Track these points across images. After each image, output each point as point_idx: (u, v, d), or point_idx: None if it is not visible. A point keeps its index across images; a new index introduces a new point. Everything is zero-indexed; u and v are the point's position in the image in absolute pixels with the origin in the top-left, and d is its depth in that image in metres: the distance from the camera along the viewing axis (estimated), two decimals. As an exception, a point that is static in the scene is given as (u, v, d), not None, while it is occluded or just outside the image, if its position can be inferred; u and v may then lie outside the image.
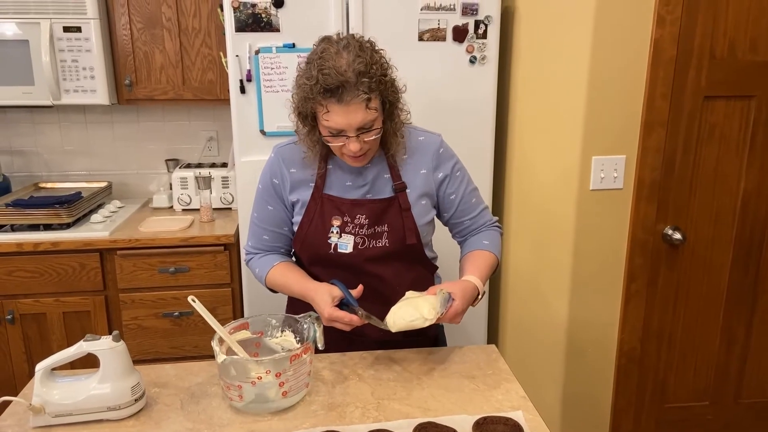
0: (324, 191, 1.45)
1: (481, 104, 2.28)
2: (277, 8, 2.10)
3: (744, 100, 2.02)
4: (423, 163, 1.48)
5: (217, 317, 2.39)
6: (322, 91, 1.26)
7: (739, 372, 2.30)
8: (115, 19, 2.45)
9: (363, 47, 1.31)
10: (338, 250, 1.44)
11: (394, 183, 1.45)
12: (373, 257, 1.45)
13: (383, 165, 1.46)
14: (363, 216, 1.44)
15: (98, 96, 2.45)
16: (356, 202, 1.44)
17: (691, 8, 1.90)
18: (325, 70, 1.25)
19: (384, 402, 1.26)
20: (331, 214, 1.44)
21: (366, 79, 1.26)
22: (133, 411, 1.21)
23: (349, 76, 1.25)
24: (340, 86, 1.25)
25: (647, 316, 2.18)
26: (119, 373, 1.20)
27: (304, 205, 1.46)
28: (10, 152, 2.82)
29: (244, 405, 1.21)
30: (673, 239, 2.08)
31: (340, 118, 1.28)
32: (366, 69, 1.26)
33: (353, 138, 1.31)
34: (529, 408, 1.24)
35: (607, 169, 2.06)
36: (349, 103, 1.26)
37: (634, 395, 2.27)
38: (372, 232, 1.44)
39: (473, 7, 2.17)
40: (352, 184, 1.46)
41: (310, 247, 1.47)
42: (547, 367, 2.32)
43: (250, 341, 1.32)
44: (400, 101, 1.40)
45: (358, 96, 1.26)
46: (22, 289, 2.31)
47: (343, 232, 1.44)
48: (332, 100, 1.26)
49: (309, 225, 1.45)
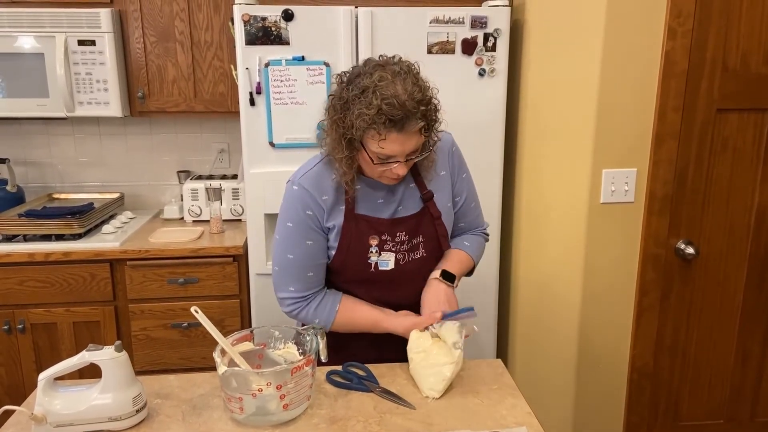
0: (356, 212, 1.43)
1: (490, 117, 2.27)
2: (287, 21, 2.12)
3: (758, 113, 1.99)
4: (441, 165, 1.50)
5: (225, 329, 2.41)
6: (386, 121, 1.24)
7: (755, 389, 2.25)
8: (128, 32, 2.48)
9: (414, 74, 1.30)
10: (379, 268, 1.45)
11: (422, 193, 1.47)
12: (414, 270, 1.48)
13: (408, 176, 1.46)
14: (403, 233, 1.45)
15: (111, 108, 2.48)
16: (395, 221, 1.44)
17: (702, 20, 1.89)
18: (387, 99, 1.23)
19: (386, 416, 1.24)
20: (368, 234, 1.43)
21: (423, 107, 1.27)
22: (134, 422, 1.21)
23: (411, 107, 1.24)
24: (404, 117, 1.24)
25: (660, 331, 2.15)
26: (121, 383, 1.19)
27: (339, 228, 1.43)
28: (24, 163, 2.86)
29: (245, 417, 1.20)
30: (685, 253, 2.05)
31: (397, 146, 1.28)
32: (423, 98, 1.27)
33: (402, 163, 1.32)
34: (533, 424, 1.21)
35: (618, 183, 2.04)
36: (408, 133, 1.27)
37: (646, 412, 2.23)
38: (410, 246, 1.47)
39: (482, 20, 2.17)
40: (383, 201, 1.45)
41: (350, 268, 1.46)
42: (557, 382, 2.28)
43: (253, 353, 1.31)
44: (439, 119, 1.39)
45: (417, 125, 1.27)
46: (33, 298, 2.33)
47: (383, 250, 1.44)
48: (393, 129, 1.25)
49: (348, 247, 1.43)
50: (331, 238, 1.45)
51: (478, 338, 2.48)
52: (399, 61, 1.32)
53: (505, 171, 2.39)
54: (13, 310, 2.33)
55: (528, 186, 2.32)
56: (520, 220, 2.38)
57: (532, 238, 2.31)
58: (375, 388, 1.33)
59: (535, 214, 2.30)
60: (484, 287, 2.42)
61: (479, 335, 2.47)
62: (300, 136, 2.21)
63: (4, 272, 2.30)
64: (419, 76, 1.31)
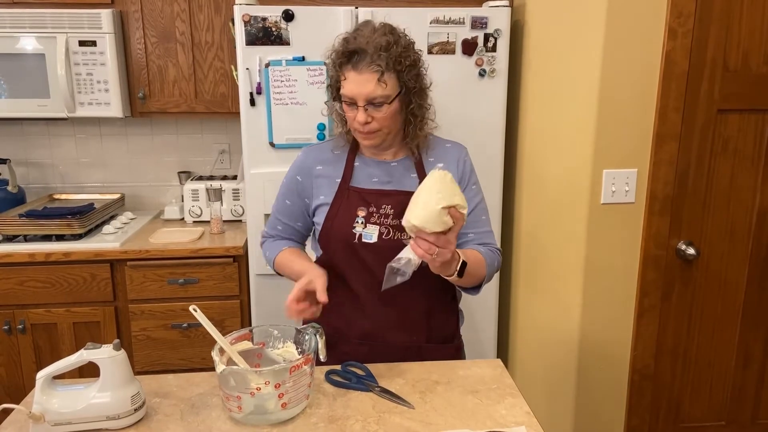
0: (351, 184, 1.48)
1: (490, 117, 2.27)
2: (288, 22, 2.12)
3: (758, 114, 1.99)
4: (448, 168, 1.49)
5: (226, 329, 2.40)
6: (340, 54, 1.34)
7: (757, 391, 2.24)
8: (129, 33, 2.48)
9: (394, 31, 1.37)
10: (363, 239, 1.44)
11: (420, 179, 1.46)
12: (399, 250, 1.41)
13: (409, 163, 1.49)
14: (389, 206, 1.45)
15: (112, 109, 2.48)
16: (382, 192, 1.46)
17: (703, 20, 1.88)
18: (349, 38, 1.34)
19: (385, 416, 1.24)
20: (357, 204, 1.45)
21: (384, 53, 1.31)
22: (132, 421, 1.20)
23: (368, 47, 1.31)
24: (356, 53, 1.32)
25: (661, 333, 2.14)
26: (119, 382, 1.19)
27: (329, 198, 1.48)
28: (26, 164, 2.86)
29: (243, 416, 1.20)
30: (686, 254, 2.04)
31: (353, 86, 1.33)
32: (387, 46, 1.32)
33: (361, 108, 1.35)
34: (533, 424, 1.21)
35: (618, 183, 2.04)
36: (362, 72, 1.32)
37: (647, 414, 2.22)
38: (397, 223, 1.44)
39: (483, 21, 2.17)
40: (378, 179, 1.48)
41: (335, 236, 1.46)
42: (558, 383, 2.27)
43: (252, 352, 1.31)
44: (425, 96, 1.43)
45: (371, 66, 1.31)
46: (34, 299, 2.33)
47: (369, 223, 1.44)
48: (348, 67, 1.33)
49: (335, 215, 1.46)
50: (319, 209, 1.50)
51: (478, 340, 2.47)
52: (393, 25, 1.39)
53: (505, 171, 2.39)
54: (13, 311, 2.34)
55: (528, 186, 2.31)
56: (520, 221, 2.38)
57: (533, 238, 2.31)
58: (374, 388, 1.33)
59: (535, 215, 2.29)
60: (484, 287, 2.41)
61: (480, 336, 2.46)
62: (300, 137, 2.21)
63: (5, 272, 2.30)
64: (403, 36, 1.38)
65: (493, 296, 2.43)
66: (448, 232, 1.20)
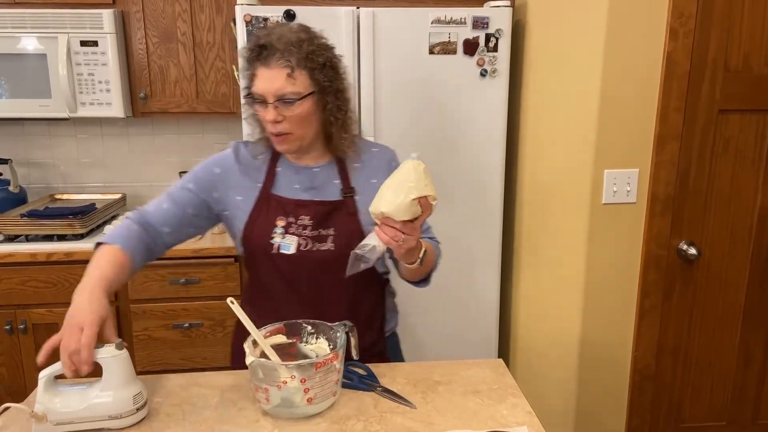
0: (271, 191, 1.44)
1: (491, 117, 2.27)
2: (289, 22, 2.12)
3: (759, 114, 1.99)
4: (374, 173, 1.47)
5: (226, 329, 2.41)
6: (250, 50, 1.32)
7: (758, 391, 2.25)
8: (131, 33, 2.49)
9: (309, 30, 1.35)
10: (281, 250, 1.40)
11: (344, 188, 1.44)
12: (318, 261, 1.41)
13: (333, 170, 1.45)
14: (307, 217, 1.41)
15: (113, 109, 2.48)
16: (300, 202, 1.42)
17: (704, 21, 1.89)
18: (261, 35, 1.32)
19: (387, 415, 1.24)
20: (276, 214, 1.42)
21: (294, 49, 1.29)
22: (134, 420, 1.20)
23: (278, 43, 1.29)
24: (265, 48, 1.29)
25: (662, 333, 2.14)
26: (121, 381, 1.19)
27: (248, 205, 1.43)
28: (27, 164, 2.87)
29: (271, 408, 1.21)
30: (688, 254, 2.04)
31: (262, 82, 1.31)
32: (297, 43, 1.30)
33: (271, 106, 1.31)
34: (534, 424, 1.21)
35: (619, 183, 2.04)
36: (272, 68, 1.29)
37: (648, 414, 2.22)
38: (316, 234, 1.41)
39: (484, 21, 2.17)
40: (300, 186, 1.44)
41: (254, 246, 1.43)
42: (558, 384, 2.28)
43: (286, 346, 1.32)
44: (343, 98, 1.39)
45: (281, 62, 1.29)
46: (35, 299, 2.33)
47: (287, 233, 1.41)
48: (258, 63, 1.31)
49: (254, 224, 1.42)
50: (238, 211, 1.44)
51: (478, 340, 2.47)
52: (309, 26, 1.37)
53: (506, 171, 2.39)
54: (14, 310, 2.34)
55: (529, 186, 2.32)
56: (521, 221, 2.38)
57: (534, 238, 2.31)
58: (375, 387, 1.33)
59: (536, 215, 2.29)
60: (485, 287, 2.41)
61: (480, 337, 2.47)
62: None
63: (7, 272, 2.30)
64: (317, 37, 1.35)
65: (494, 296, 2.43)
66: (415, 220, 1.20)
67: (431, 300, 2.40)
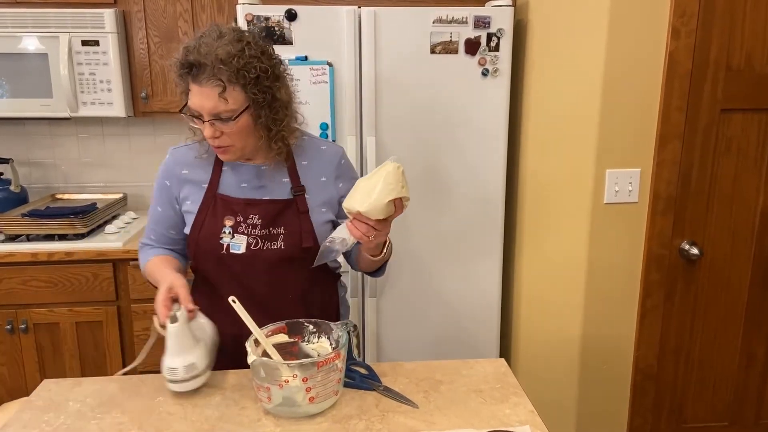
0: (218, 191, 1.43)
1: (493, 117, 2.27)
2: (290, 21, 2.12)
3: (762, 113, 1.99)
4: (323, 171, 1.47)
5: (228, 329, 2.39)
6: (180, 66, 1.26)
7: (760, 391, 2.24)
8: (132, 33, 2.48)
9: (242, 38, 1.26)
10: (231, 250, 1.40)
11: (293, 186, 1.43)
12: (269, 260, 1.41)
13: (282, 169, 1.44)
14: (256, 216, 1.40)
15: (115, 108, 2.48)
16: (250, 201, 1.41)
17: (706, 20, 1.88)
18: (190, 47, 1.24)
19: (389, 415, 1.24)
20: (224, 214, 1.41)
21: (224, 67, 1.22)
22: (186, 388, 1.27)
23: (207, 59, 1.22)
24: (195, 66, 1.23)
25: (664, 333, 2.14)
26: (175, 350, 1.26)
27: (196, 206, 1.43)
28: (28, 164, 2.87)
29: (273, 407, 1.21)
30: (690, 254, 2.04)
31: (195, 99, 1.26)
32: (227, 58, 1.22)
33: (207, 123, 1.28)
34: (537, 423, 1.21)
35: (621, 183, 2.04)
36: (203, 86, 1.24)
37: (650, 414, 2.21)
38: (266, 233, 1.41)
39: (485, 20, 2.17)
40: (247, 185, 1.43)
41: (203, 247, 1.42)
42: (560, 384, 2.27)
43: (288, 345, 1.32)
44: (279, 108, 1.33)
45: (211, 81, 1.23)
46: (36, 298, 2.33)
47: (236, 233, 1.40)
48: (189, 78, 1.25)
49: (202, 225, 1.42)
50: (187, 214, 1.45)
51: (480, 340, 2.47)
52: (239, 28, 1.29)
53: (508, 171, 2.38)
54: (15, 310, 2.33)
55: (531, 186, 2.31)
56: (523, 220, 2.38)
57: (536, 238, 2.31)
58: (377, 387, 1.33)
59: (538, 215, 2.29)
60: (487, 287, 2.41)
61: (482, 337, 2.46)
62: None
63: (7, 272, 2.30)
64: (251, 46, 1.26)
65: (496, 296, 2.43)
66: (388, 218, 1.22)
67: (433, 300, 2.40)
